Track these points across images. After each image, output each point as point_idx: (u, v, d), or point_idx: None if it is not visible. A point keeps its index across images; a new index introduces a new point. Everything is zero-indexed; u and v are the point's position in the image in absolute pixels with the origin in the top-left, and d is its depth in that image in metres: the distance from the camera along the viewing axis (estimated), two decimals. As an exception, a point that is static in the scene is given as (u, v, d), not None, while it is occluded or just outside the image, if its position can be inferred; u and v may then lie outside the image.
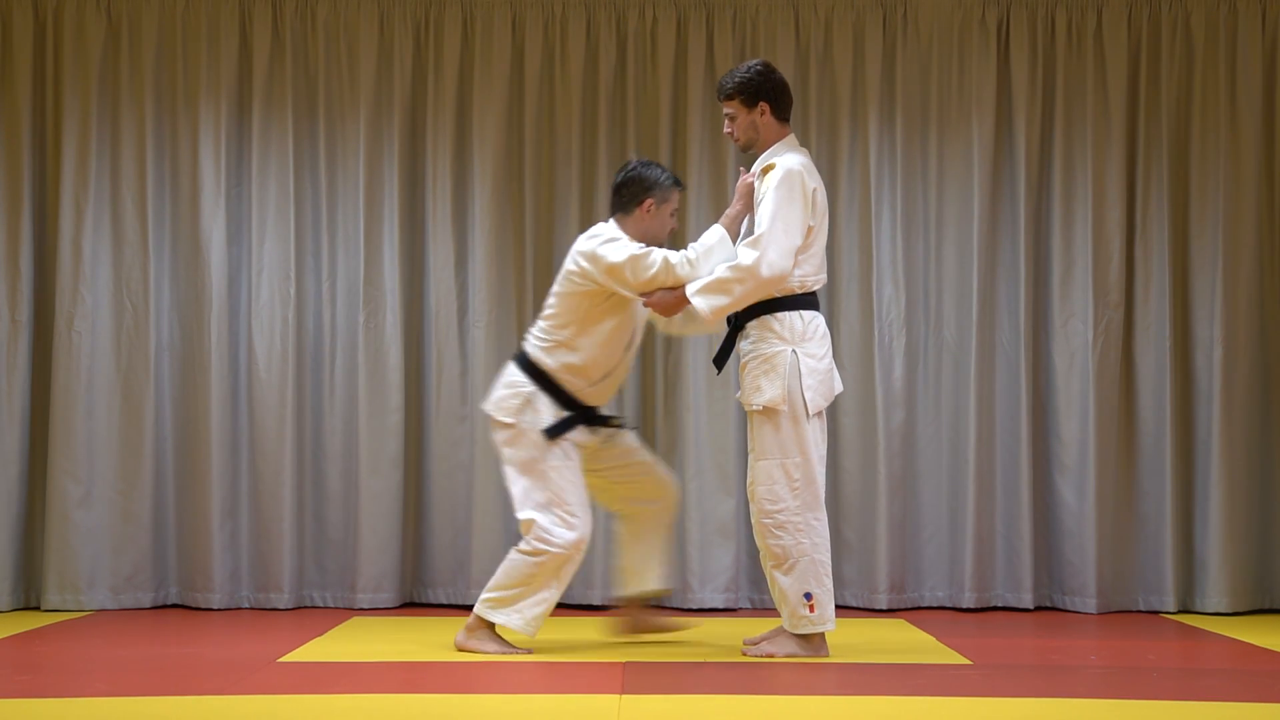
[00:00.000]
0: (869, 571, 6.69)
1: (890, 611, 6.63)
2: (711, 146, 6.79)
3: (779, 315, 5.14)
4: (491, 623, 5.28)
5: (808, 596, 5.09)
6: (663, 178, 5.37)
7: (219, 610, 6.59)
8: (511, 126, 6.83)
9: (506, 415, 5.32)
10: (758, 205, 5.17)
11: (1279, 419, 6.79)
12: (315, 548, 6.74)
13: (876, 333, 6.73)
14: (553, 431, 5.26)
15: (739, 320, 5.22)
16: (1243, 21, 6.81)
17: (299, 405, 6.71)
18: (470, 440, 6.71)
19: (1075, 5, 6.84)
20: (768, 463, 5.11)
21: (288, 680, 4.75)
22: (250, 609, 6.65)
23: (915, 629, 6.08)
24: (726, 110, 5.30)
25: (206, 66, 6.73)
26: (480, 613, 5.27)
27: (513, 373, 5.38)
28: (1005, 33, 6.85)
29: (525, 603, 5.22)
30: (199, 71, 6.73)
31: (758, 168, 5.25)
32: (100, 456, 6.60)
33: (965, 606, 6.66)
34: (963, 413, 6.74)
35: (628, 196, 5.37)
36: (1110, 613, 6.66)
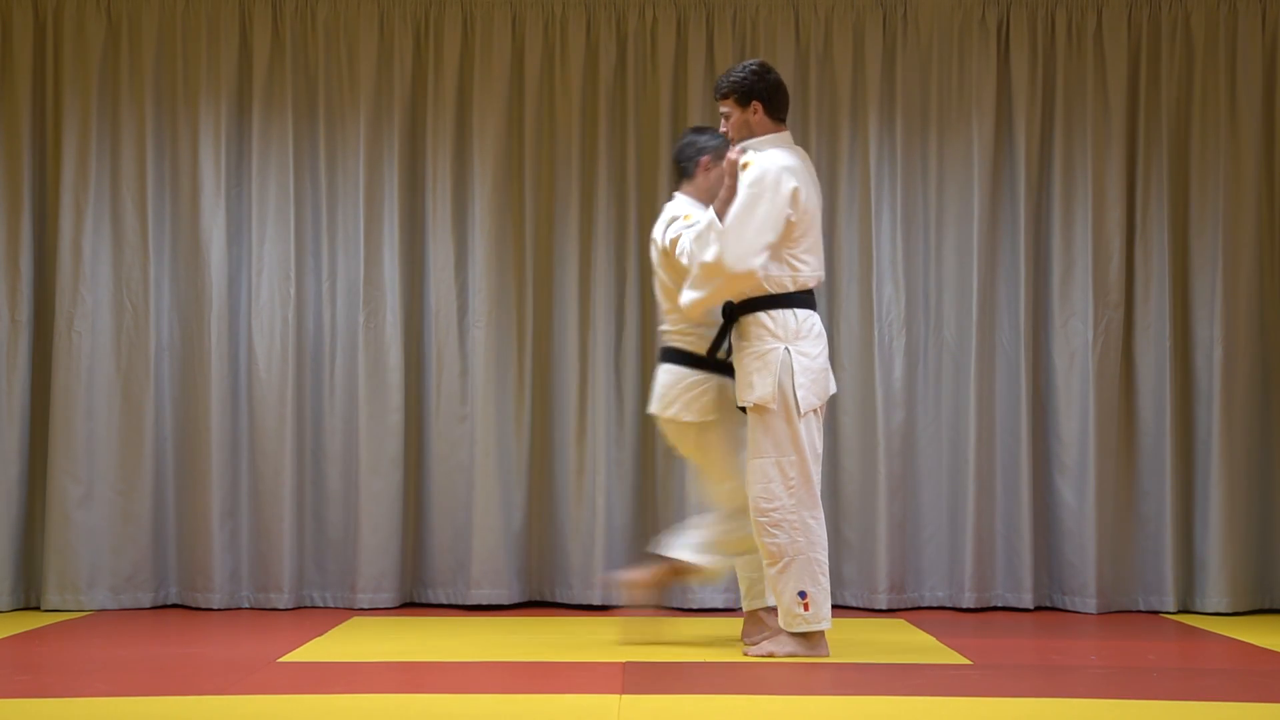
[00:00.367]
0: (869, 571, 6.69)
1: (890, 611, 6.63)
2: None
3: (772, 312, 5.14)
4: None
5: (802, 595, 5.09)
6: (713, 138, 5.51)
7: (219, 610, 6.59)
8: (511, 126, 6.83)
9: (705, 414, 5.34)
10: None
11: (1279, 419, 6.80)
12: (315, 548, 6.73)
13: (876, 333, 6.73)
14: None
15: (734, 315, 5.23)
16: (1243, 21, 6.81)
17: (299, 405, 6.71)
18: (470, 440, 6.70)
19: (1075, 5, 6.84)
20: (763, 461, 5.11)
21: (288, 680, 4.75)
22: (250, 609, 6.64)
23: (915, 629, 6.08)
24: (722, 109, 5.33)
25: (206, 66, 6.73)
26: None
27: (684, 373, 5.39)
28: (1005, 33, 6.85)
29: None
30: (199, 71, 6.73)
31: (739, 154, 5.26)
32: (100, 456, 6.60)
33: (965, 606, 6.66)
34: (963, 413, 6.74)
35: (685, 161, 5.53)
36: (1110, 613, 6.66)
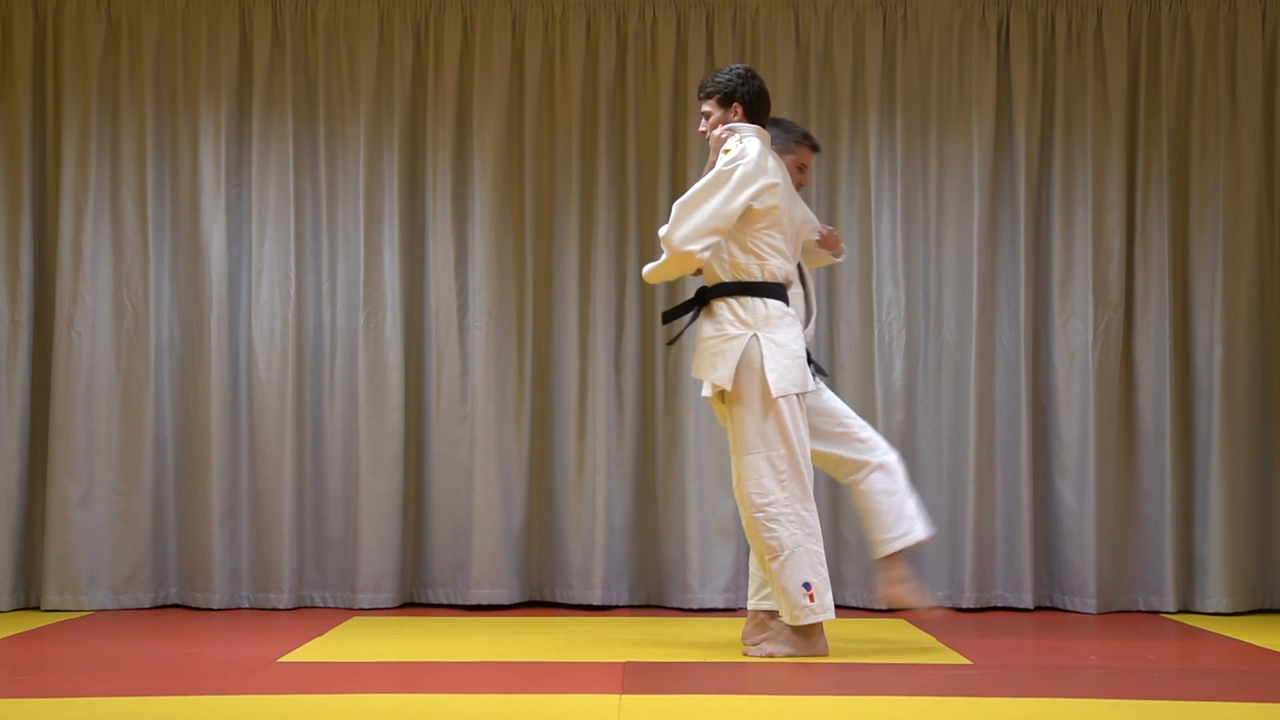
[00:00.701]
0: (869, 571, 6.66)
1: (890, 611, 6.63)
2: (707, 143, 6.77)
3: (742, 299, 5.14)
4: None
5: (807, 586, 5.08)
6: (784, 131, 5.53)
7: (219, 610, 6.58)
8: (511, 126, 6.83)
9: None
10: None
11: (1279, 419, 6.80)
12: (315, 548, 6.73)
13: (876, 333, 6.73)
14: None
15: (704, 297, 5.23)
16: (1243, 21, 6.81)
17: (299, 405, 6.71)
18: (470, 440, 6.70)
19: (1075, 5, 6.83)
20: (752, 457, 5.10)
21: (288, 680, 4.75)
22: (250, 609, 6.64)
23: (915, 629, 6.08)
24: (704, 109, 5.35)
25: (206, 66, 6.73)
26: None
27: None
28: (1005, 33, 6.85)
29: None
30: (199, 71, 6.73)
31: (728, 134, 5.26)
32: (100, 456, 6.60)
33: (965, 606, 6.66)
34: (963, 413, 6.74)
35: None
36: (1110, 613, 6.66)
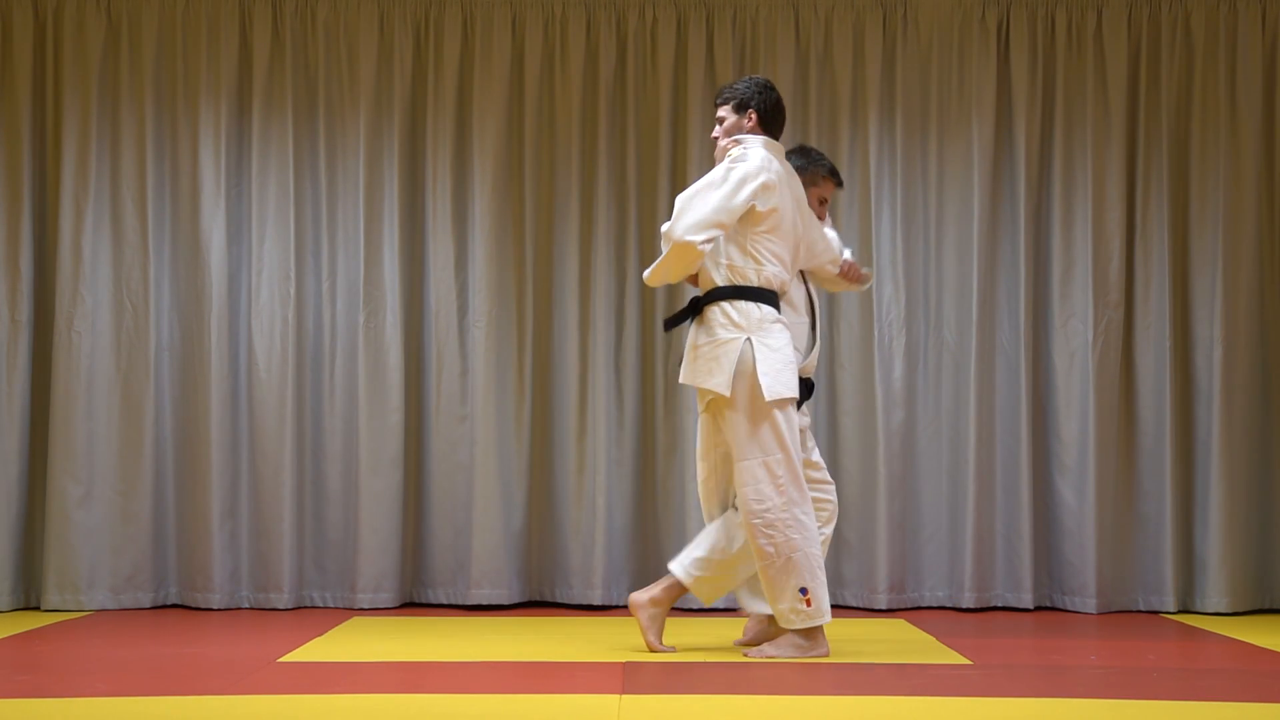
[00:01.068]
0: (869, 571, 6.69)
1: (890, 611, 6.63)
2: (711, 147, 6.74)
3: (736, 303, 5.15)
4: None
5: (803, 591, 5.09)
6: (810, 161, 5.56)
7: (219, 610, 6.58)
8: (511, 126, 6.83)
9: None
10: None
11: (1279, 419, 6.80)
12: (315, 548, 6.73)
13: (876, 333, 6.73)
14: None
15: (698, 305, 5.24)
16: (1243, 21, 6.81)
17: (299, 405, 6.71)
18: (470, 440, 6.70)
19: (1075, 5, 6.84)
20: (750, 462, 5.10)
21: (288, 680, 4.75)
22: (250, 609, 6.64)
23: (915, 629, 6.08)
24: (719, 114, 5.38)
25: (206, 66, 6.73)
26: None
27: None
28: (1005, 33, 6.85)
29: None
30: (199, 71, 6.73)
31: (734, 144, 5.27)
32: (100, 456, 6.60)
33: (965, 606, 6.66)
34: (963, 413, 6.74)
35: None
36: (1110, 613, 6.66)
